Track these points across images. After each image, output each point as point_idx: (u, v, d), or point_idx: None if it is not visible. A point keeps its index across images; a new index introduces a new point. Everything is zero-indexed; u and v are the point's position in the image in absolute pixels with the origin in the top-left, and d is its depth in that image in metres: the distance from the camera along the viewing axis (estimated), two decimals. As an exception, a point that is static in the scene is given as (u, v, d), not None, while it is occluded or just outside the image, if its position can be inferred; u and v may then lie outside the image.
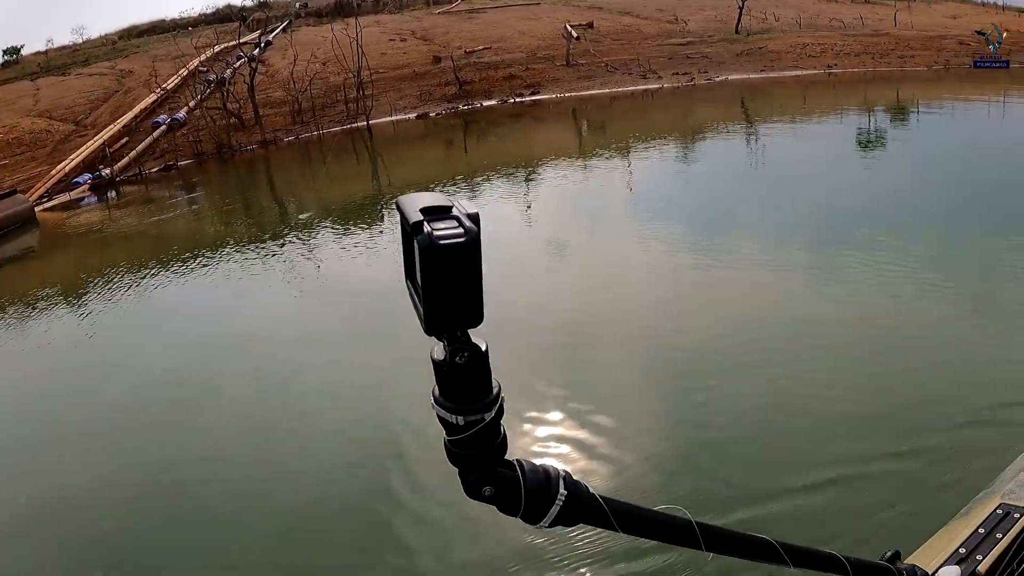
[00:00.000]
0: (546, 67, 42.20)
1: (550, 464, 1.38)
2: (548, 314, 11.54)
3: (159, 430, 9.55)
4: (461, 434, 1.30)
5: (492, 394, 1.31)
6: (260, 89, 40.35)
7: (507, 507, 1.36)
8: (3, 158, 36.59)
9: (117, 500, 8.07)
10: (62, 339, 14.27)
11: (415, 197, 1.24)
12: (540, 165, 23.90)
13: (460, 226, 1.18)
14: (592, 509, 1.41)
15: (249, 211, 24.29)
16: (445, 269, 1.16)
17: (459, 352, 1.25)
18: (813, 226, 14.39)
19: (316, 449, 8.64)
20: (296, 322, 13.05)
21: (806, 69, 37.91)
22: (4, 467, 9.26)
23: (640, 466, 7.47)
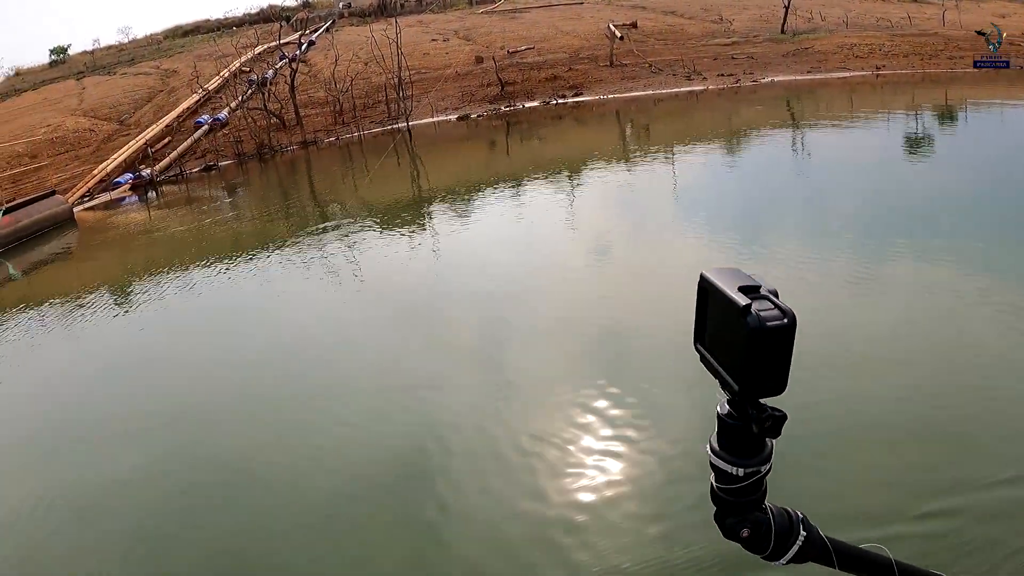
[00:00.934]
0: (589, 68, 41.42)
1: (791, 508, 1.56)
2: (595, 315, 11.33)
3: (201, 426, 9.61)
4: (737, 483, 1.47)
5: (769, 449, 1.48)
6: (302, 89, 40.04)
7: (756, 547, 1.53)
8: (47, 157, 36.62)
9: (159, 494, 8.08)
10: (99, 337, 14.23)
11: (722, 273, 1.41)
12: (584, 168, 23.10)
13: (776, 308, 1.30)
14: (820, 549, 1.57)
15: (289, 212, 23.78)
16: (768, 347, 1.29)
17: (765, 419, 1.40)
18: (862, 230, 13.80)
19: (354, 445, 8.54)
20: (336, 323, 12.84)
21: (853, 70, 36.77)
22: (48, 461, 9.32)
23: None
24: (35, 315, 16.55)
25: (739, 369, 1.36)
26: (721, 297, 1.37)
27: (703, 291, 1.46)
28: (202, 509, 7.75)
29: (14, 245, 24.16)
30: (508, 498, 7.14)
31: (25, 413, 11.09)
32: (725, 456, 1.48)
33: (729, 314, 1.34)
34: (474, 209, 19.92)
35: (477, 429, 8.39)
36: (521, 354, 10.42)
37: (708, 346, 1.49)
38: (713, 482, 1.53)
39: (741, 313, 1.29)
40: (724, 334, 1.39)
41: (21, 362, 13.68)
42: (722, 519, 1.55)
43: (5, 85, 55.25)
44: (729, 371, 1.40)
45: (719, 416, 1.48)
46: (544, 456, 7.68)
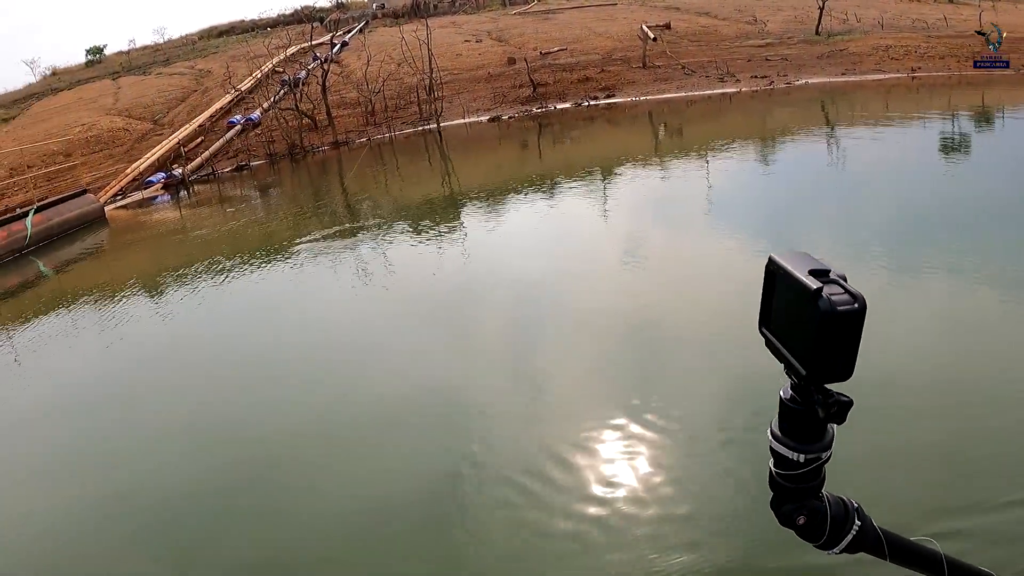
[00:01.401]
0: (622, 69, 40.98)
1: (846, 497, 1.54)
2: (632, 315, 11.14)
3: (236, 426, 9.56)
4: (797, 470, 1.46)
5: (830, 436, 1.46)
6: (334, 90, 39.98)
7: (810, 535, 1.52)
8: (81, 156, 36.82)
9: (187, 494, 8.03)
10: (128, 335, 14.15)
11: (791, 256, 1.39)
12: (617, 170, 22.71)
13: (846, 292, 1.28)
14: (873, 540, 1.55)
15: (320, 212, 23.64)
16: (838, 332, 1.27)
17: (832, 404, 1.39)
18: (896, 236, 13.40)
19: (385, 444, 8.48)
20: (366, 322, 12.74)
21: (888, 72, 36.05)
22: (85, 459, 9.34)
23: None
24: (64, 312, 16.53)
25: (807, 353, 1.34)
26: (791, 280, 1.36)
27: (771, 274, 1.45)
28: (231, 508, 7.73)
29: (46, 243, 24.32)
30: (540, 496, 7.06)
31: (53, 411, 11.06)
32: (786, 441, 1.47)
33: (798, 298, 1.33)
34: (505, 210, 19.63)
35: (511, 430, 8.33)
36: (553, 352, 10.32)
37: (774, 330, 1.47)
38: (772, 467, 1.53)
39: (812, 297, 1.28)
40: (792, 318, 1.39)
41: (51, 359, 13.66)
42: (779, 506, 1.54)
43: (42, 84, 55.75)
44: (796, 355, 1.39)
45: (782, 401, 1.47)
46: (577, 457, 7.59)
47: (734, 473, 6.95)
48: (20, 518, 8.15)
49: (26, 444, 10.16)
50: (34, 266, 22.45)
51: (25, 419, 11.04)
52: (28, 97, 51.49)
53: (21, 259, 23.11)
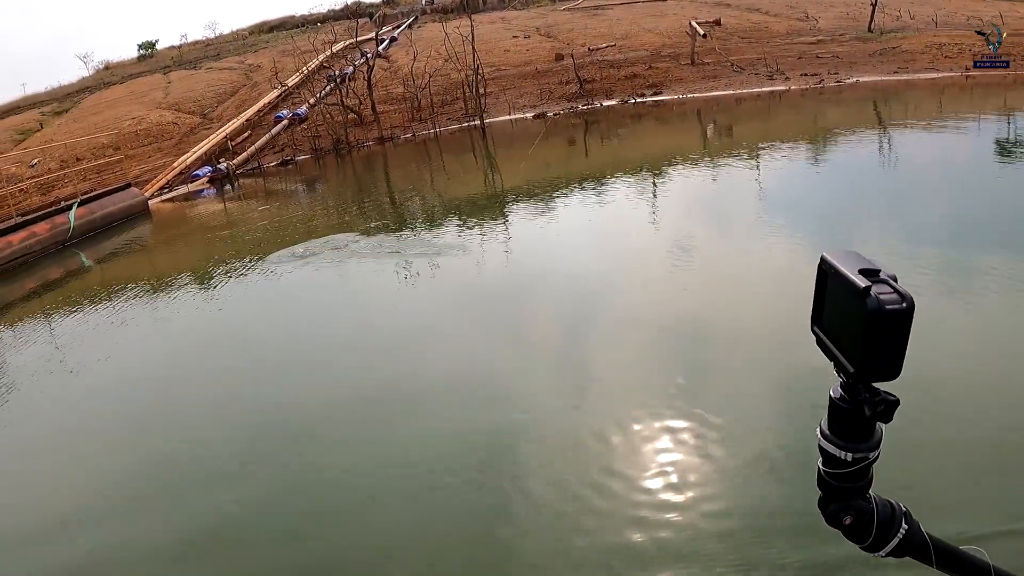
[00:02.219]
0: (670, 66, 40.13)
1: (894, 500, 1.53)
2: (676, 313, 10.88)
3: (282, 410, 9.63)
4: (845, 468, 1.45)
5: (878, 436, 1.44)
6: (381, 85, 39.75)
7: (856, 536, 1.51)
8: (131, 149, 37.01)
9: (236, 477, 8.14)
10: (176, 325, 14.25)
11: (842, 255, 1.38)
12: (666, 169, 22.16)
13: (895, 292, 1.28)
14: (920, 545, 1.54)
15: (365, 207, 23.57)
16: (886, 331, 1.27)
17: (878, 403, 1.38)
18: (951, 238, 12.77)
19: (433, 435, 8.38)
20: (413, 315, 12.54)
21: (942, 71, 34.79)
22: (135, 445, 9.38)
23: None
24: (105, 302, 16.55)
25: (855, 351, 1.33)
26: (841, 279, 1.35)
27: (822, 273, 1.43)
28: (281, 491, 7.77)
29: (89, 236, 24.48)
30: (582, 488, 6.99)
31: (108, 395, 11.12)
32: (834, 440, 1.45)
33: (848, 296, 1.31)
34: (552, 208, 19.13)
35: (557, 423, 8.23)
36: (601, 347, 10.16)
37: (825, 328, 1.45)
38: (820, 466, 1.51)
39: (861, 295, 1.27)
40: (842, 316, 1.37)
41: (96, 346, 13.65)
42: (826, 505, 1.52)
43: (95, 79, 56.23)
44: (845, 353, 1.37)
45: (831, 399, 1.44)
46: (621, 451, 7.53)
47: (777, 470, 6.86)
48: (83, 484, 8.46)
49: (86, 419, 10.39)
50: (77, 258, 22.62)
51: (91, 392, 11.37)
52: (81, 91, 51.99)
53: (64, 251, 23.26)
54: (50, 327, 15.81)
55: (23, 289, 20.02)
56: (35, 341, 14.92)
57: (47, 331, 15.60)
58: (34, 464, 9.39)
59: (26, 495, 8.58)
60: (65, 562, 7.08)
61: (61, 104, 48.69)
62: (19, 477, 9.10)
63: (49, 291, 19.48)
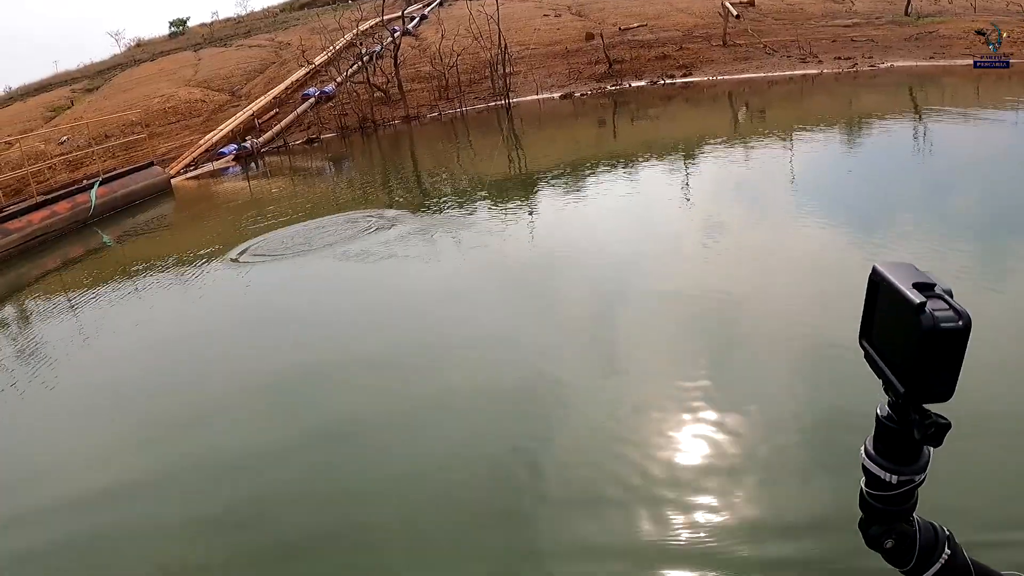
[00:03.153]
0: (701, 47, 39.10)
1: (938, 523, 1.46)
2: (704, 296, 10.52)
3: (311, 386, 9.59)
4: (889, 491, 1.39)
5: (926, 458, 1.37)
6: (409, 64, 39.14)
7: (897, 560, 1.45)
8: (159, 126, 36.82)
9: (263, 454, 8.01)
10: (197, 304, 14.08)
11: (895, 267, 1.30)
12: (698, 153, 21.36)
13: (951, 308, 1.20)
14: (962, 570, 1.45)
15: (390, 185, 23.46)
16: (940, 350, 1.19)
17: (929, 426, 1.29)
18: (995, 230, 12.06)
19: (459, 412, 8.28)
20: (441, 294, 12.34)
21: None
22: (166, 424, 9.17)
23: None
24: (124, 281, 16.48)
25: (906, 371, 1.26)
26: (893, 293, 1.27)
27: (873, 285, 1.35)
28: (309, 464, 7.71)
29: (110, 215, 24.29)
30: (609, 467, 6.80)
31: (134, 376, 10.86)
32: (879, 461, 1.38)
33: (901, 312, 1.23)
34: (578, 190, 18.57)
35: (583, 405, 8.07)
36: (628, 333, 9.90)
37: (874, 344, 1.37)
38: (863, 487, 1.44)
39: (915, 311, 1.19)
40: (893, 332, 1.30)
41: (118, 325, 13.46)
42: (867, 527, 1.46)
43: (126, 56, 55.93)
44: (895, 372, 1.30)
45: (878, 418, 1.38)
46: (644, 436, 7.30)
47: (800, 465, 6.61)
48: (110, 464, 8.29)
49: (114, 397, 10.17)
50: (97, 236, 22.45)
51: (117, 371, 11.16)
52: (112, 68, 51.66)
53: (85, 230, 23.04)
54: (70, 303, 15.54)
55: (42, 268, 19.78)
56: (54, 316, 14.74)
57: (66, 306, 15.34)
58: (55, 433, 9.28)
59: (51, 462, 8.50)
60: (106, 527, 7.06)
61: (92, 81, 48.45)
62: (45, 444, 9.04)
63: (69, 269, 19.28)
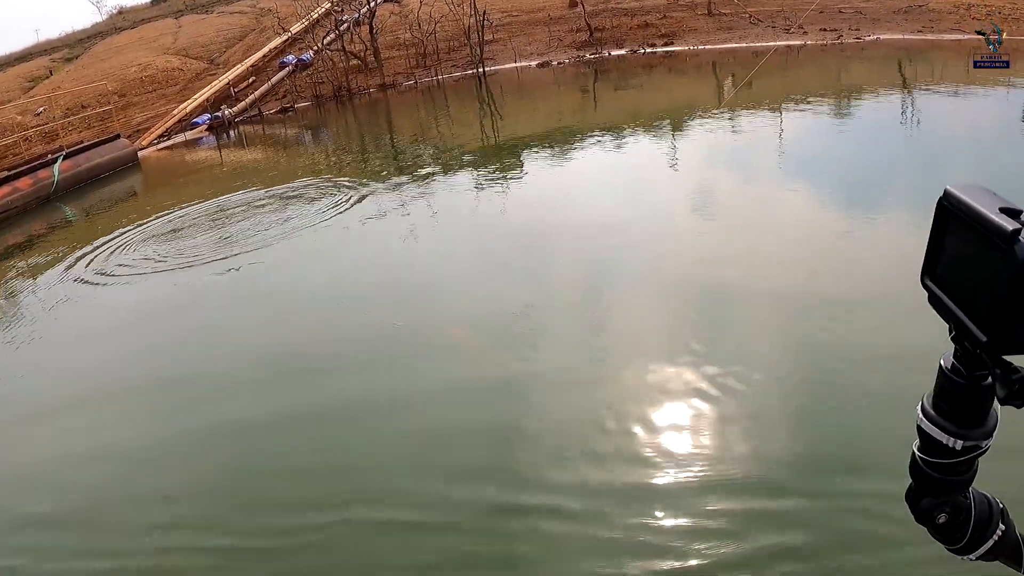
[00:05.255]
0: (685, 16, 37.67)
1: (990, 495, 1.27)
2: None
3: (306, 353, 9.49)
4: (951, 458, 1.17)
5: (995, 420, 1.15)
6: (390, 31, 37.69)
7: (948, 536, 1.25)
8: (135, 95, 35.62)
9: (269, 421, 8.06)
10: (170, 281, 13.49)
11: (973, 191, 1.06)
12: (685, 123, 20.32)
13: None
14: (1012, 548, 1.28)
15: (365, 154, 22.81)
16: None
17: (1014, 380, 1.04)
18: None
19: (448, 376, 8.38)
20: (424, 260, 12.36)
21: (968, 33, 32.05)
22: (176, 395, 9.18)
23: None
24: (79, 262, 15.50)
25: (990, 314, 1.02)
26: (975, 220, 1.02)
27: (944, 212, 1.10)
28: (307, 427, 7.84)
29: (75, 189, 23.51)
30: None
31: (129, 352, 10.71)
32: (942, 423, 1.14)
33: (984, 243, 0.99)
34: (548, 163, 17.84)
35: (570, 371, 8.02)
36: (614, 306, 9.73)
37: (944, 283, 1.13)
38: (917, 451, 1.20)
39: (1007, 240, 0.95)
40: (971, 269, 1.06)
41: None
42: (917, 498, 1.23)
43: (107, 24, 54.21)
44: (973, 316, 1.05)
45: (942, 371, 1.14)
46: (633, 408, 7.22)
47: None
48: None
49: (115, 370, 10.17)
50: (61, 212, 21.74)
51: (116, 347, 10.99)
52: (92, 37, 50.07)
53: (48, 206, 22.27)
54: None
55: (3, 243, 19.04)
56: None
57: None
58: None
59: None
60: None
61: (72, 50, 47.03)
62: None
63: (30, 246, 18.59)
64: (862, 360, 7.42)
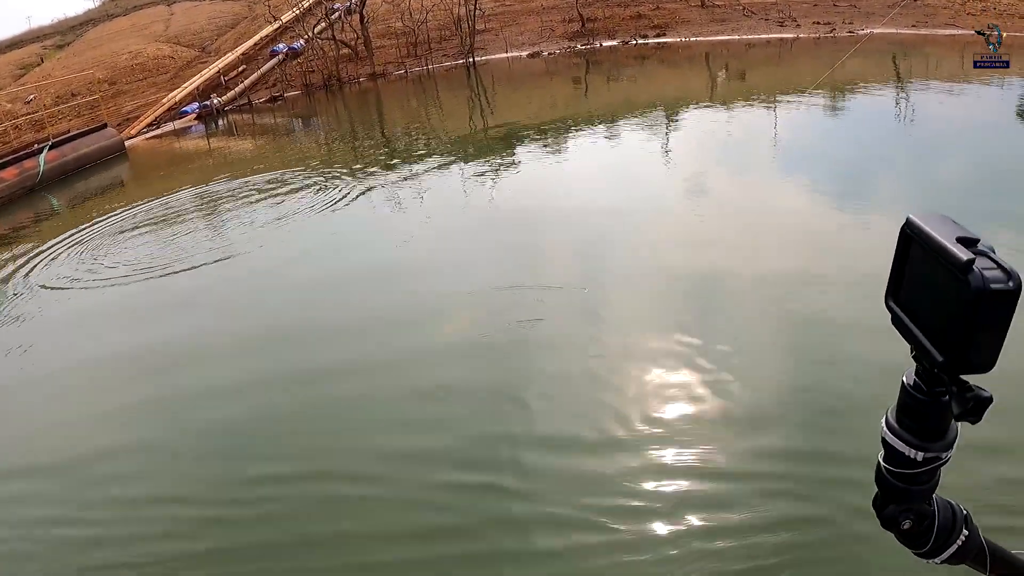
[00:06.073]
0: (678, 7, 37.12)
1: (955, 502, 1.32)
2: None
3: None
4: (912, 468, 1.22)
5: (955, 433, 1.21)
6: (381, 19, 37.14)
7: (913, 541, 1.30)
8: (126, 84, 35.11)
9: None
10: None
11: (934, 220, 1.11)
12: (680, 115, 20.05)
13: (999, 267, 1.03)
14: (977, 551, 1.34)
15: (355, 145, 22.38)
16: (988, 314, 1.03)
17: (968, 399, 1.10)
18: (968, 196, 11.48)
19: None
20: (407, 255, 12.02)
21: (963, 28, 31.78)
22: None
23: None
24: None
25: (947, 336, 1.08)
26: (933, 248, 1.09)
27: (906, 239, 1.16)
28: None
29: (61, 179, 23.11)
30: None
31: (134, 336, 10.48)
32: (904, 436, 1.21)
33: (942, 270, 1.06)
34: (545, 150, 17.63)
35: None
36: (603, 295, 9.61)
37: (905, 305, 1.19)
38: (881, 462, 1.26)
39: (962, 270, 1.02)
40: (930, 293, 1.12)
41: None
42: (882, 506, 1.29)
43: (100, 11, 53.44)
44: (931, 337, 1.11)
45: (904, 388, 1.20)
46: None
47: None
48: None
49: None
50: (47, 202, 21.33)
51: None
52: (85, 24, 49.35)
53: (34, 196, 21.85)
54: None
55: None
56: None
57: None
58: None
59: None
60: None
61: (64, 37, 46.36)
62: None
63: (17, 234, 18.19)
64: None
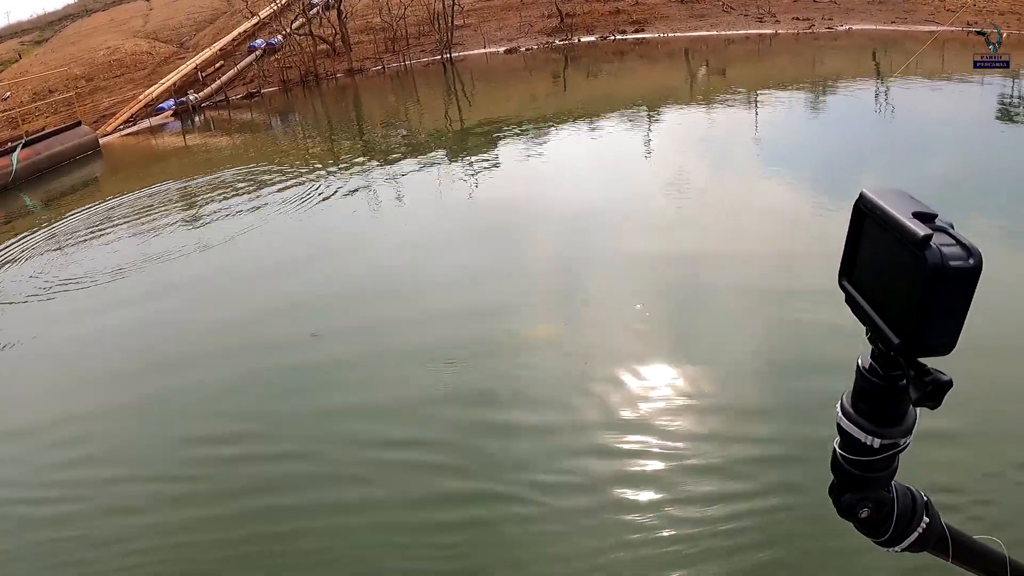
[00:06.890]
0: (657, 3, 36.53)
1: (915, 488, 1.27)
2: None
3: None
4: (869, 456, 1.16)
5: (913, 418, 1.15)
6: (360, 15, 36.69)
7: (871, 530, 1.25)
8: (103, 80, 34.58)
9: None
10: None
11: (888, 195, 1.05)
12: (661, 110, 19.90)
13: (958, 243, 0.97)
14: (939, 538, 1.30)
15: (332, 141, 22.37)
16: (947, 293, 0.97)
17: (927, 383, 1.03)
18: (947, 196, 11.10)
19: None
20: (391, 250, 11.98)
21: (942, 24, 31.65)
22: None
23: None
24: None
25: (903, 317, 1.02)
26: (888, 224, 1.02)
27: (859, 214, 1.09)
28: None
29: (35, 177, 22.75)
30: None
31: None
32: (859, 421, 1.15)
33: (897, 246, 1.00)
34: (522, 146, 17.62)
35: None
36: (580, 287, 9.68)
37: (859, 285, 1.13)
38: (837, 448, 1.20)
39: (918, 246, 0.95)
40: (885, 272, 1.06)
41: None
42: (839, 494, 1.23)
43: (78, 6, 52.68)
44: (887, 319, 1.06)
45: (859, 372, 1.14)
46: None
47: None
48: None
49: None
50: (20, 200, 20.99)
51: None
52: (63, 19, 48.57)
53: (7, 195, 21.48)
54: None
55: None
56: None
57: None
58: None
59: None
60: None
61: (42, 33, 45.65)
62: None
63: None
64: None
